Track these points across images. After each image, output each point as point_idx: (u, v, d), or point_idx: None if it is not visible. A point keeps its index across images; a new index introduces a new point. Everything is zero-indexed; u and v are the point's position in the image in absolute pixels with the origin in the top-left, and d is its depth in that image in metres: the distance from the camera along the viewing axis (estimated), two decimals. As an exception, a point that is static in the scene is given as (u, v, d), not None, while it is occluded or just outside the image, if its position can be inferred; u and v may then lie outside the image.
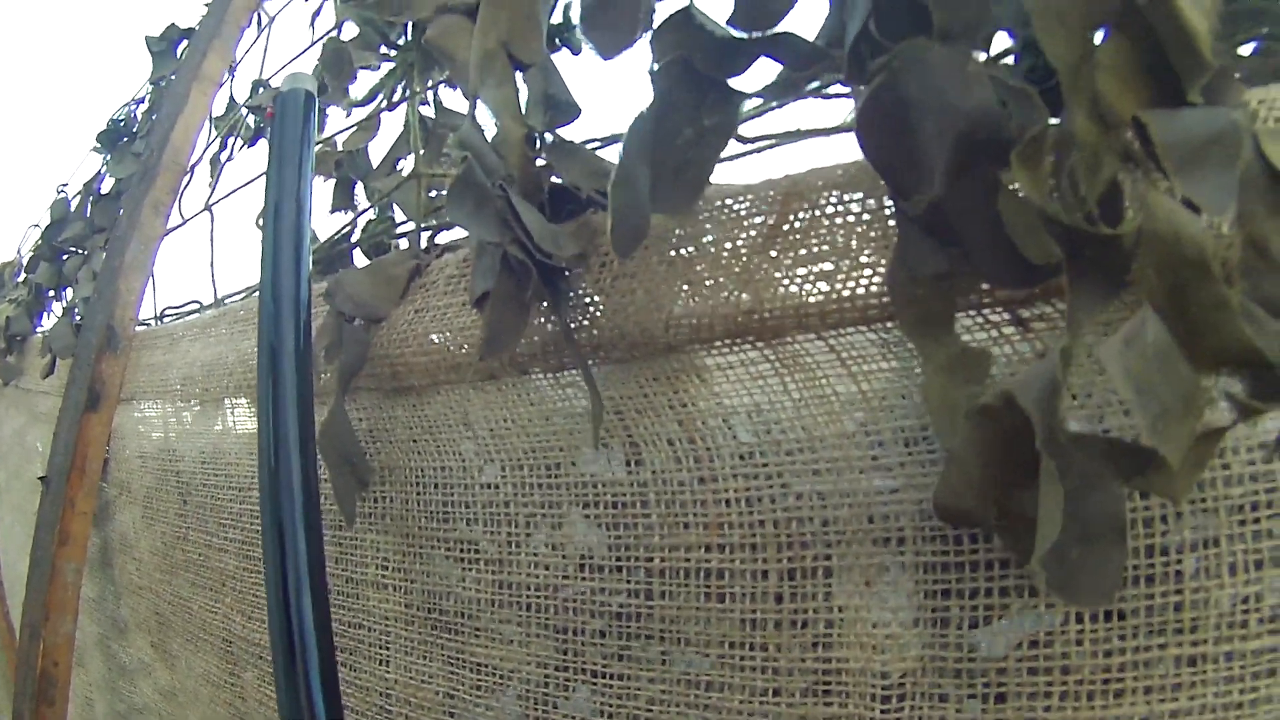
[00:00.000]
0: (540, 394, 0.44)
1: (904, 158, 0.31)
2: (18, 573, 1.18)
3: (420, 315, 0.48)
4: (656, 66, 0.38)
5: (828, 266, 0.35)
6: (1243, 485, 0.32)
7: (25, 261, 1.27)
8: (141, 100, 1.07)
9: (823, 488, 0.37)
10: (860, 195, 0.36)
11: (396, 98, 0.60)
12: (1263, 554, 0.32)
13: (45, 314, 1.09)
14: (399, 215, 0.62)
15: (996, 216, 0.30)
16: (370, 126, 0.61)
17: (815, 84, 0.41)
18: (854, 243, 0.35)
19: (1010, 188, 0.29)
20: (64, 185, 1.17)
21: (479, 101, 0.47)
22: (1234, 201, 0.26)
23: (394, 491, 0.51)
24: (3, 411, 1.18)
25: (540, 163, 0.45)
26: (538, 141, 0.46)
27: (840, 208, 0.36)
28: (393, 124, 0.81)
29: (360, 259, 0.66)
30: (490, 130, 0.47)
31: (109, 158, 1.01)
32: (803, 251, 0.36)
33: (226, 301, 0.77)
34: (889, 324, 0.36)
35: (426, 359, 0.47)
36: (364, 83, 0.66)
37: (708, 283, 0.38)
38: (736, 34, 0.37)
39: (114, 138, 1.02)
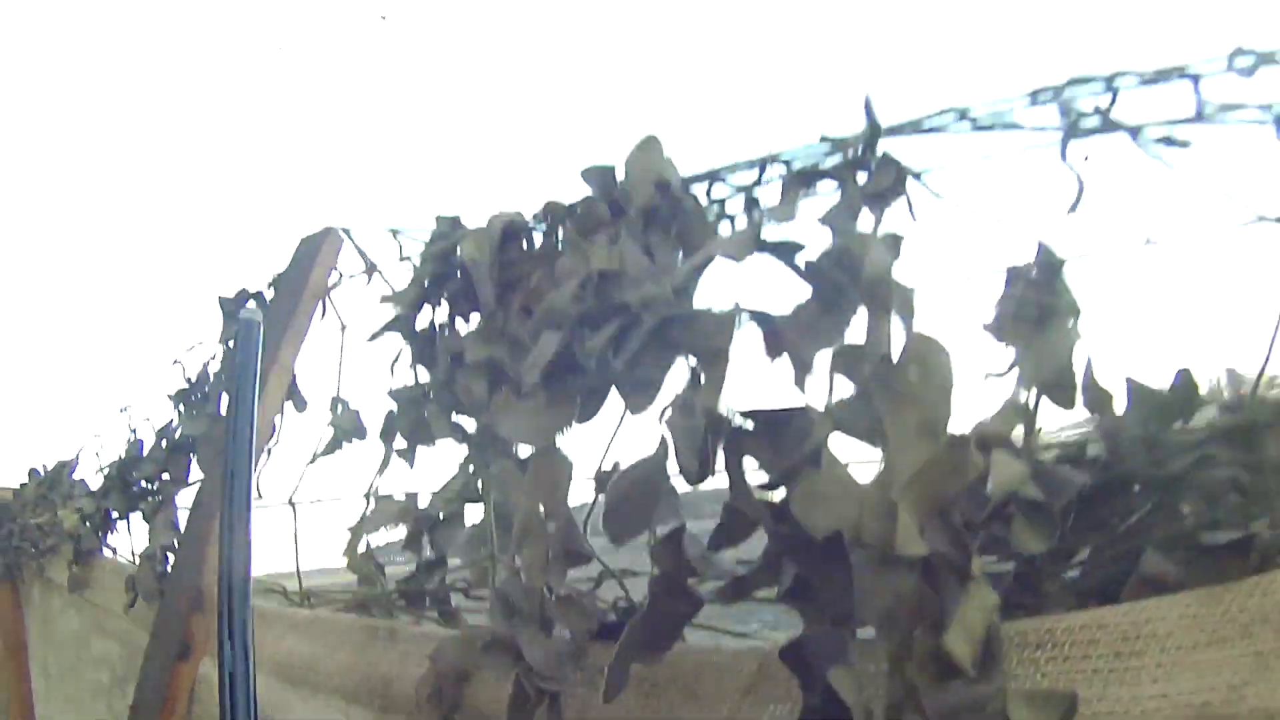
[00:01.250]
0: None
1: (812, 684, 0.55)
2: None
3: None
4: (655, 574, 0.62)
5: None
6: None
7: (80, 469, 1.44)
8: (206, 354, 1.27)
9: None
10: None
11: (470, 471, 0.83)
12: None
13: (111, 531, 1.27)
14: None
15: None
16: (456, 505, 0.83)
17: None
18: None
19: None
20: (126, 408, 1.36)
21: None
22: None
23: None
24: (60, 609, 1.34)
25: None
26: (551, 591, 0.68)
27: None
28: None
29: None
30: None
31: (181, 411, 1.21)
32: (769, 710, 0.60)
33: (312, 598, 0.97)
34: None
35: (507, 721, 0.70)
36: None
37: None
38: (711, 553, 0.62)
39: (186, 394, 1.22)
